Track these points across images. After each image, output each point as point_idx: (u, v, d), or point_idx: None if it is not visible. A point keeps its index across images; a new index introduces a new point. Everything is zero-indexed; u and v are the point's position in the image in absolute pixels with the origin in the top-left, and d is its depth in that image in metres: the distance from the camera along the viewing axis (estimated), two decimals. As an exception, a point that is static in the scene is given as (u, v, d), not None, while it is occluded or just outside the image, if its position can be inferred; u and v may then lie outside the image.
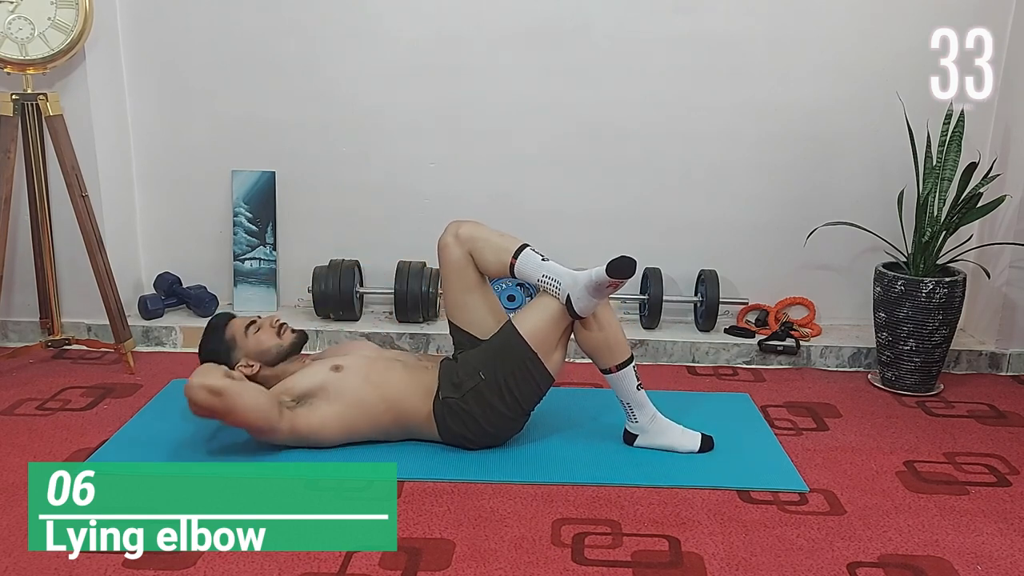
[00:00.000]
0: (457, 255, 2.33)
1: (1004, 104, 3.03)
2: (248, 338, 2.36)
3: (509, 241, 2.33)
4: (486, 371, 2.26)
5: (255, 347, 2.35)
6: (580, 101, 3.15)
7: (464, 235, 2.33)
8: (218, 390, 2.09)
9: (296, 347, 2.41)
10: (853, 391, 2.89)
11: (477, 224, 2.36)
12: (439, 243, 2.37)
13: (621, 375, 2.31)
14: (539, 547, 1.92)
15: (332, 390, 2.26)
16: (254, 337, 2.36)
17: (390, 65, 3.14)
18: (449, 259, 2.34)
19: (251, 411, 2.15)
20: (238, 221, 3.28)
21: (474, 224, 2.36)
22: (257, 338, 2.36)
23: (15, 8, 2.70)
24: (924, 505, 2.14)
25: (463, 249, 2.32)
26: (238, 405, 2.12)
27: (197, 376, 2.12)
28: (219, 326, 2.40)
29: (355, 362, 2.34)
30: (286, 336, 2.40)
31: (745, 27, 3.06)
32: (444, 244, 2.35)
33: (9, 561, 1.83)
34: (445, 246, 2.35)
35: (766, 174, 3.20)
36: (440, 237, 2.37)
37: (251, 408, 2.15)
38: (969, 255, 2.97)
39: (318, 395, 2.25)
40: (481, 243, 2.32)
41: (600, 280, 2.16)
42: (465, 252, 2.33)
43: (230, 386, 2.12)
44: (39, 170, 2.86)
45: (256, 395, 2.18)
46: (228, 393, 2.11)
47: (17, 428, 2.47)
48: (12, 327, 3.18)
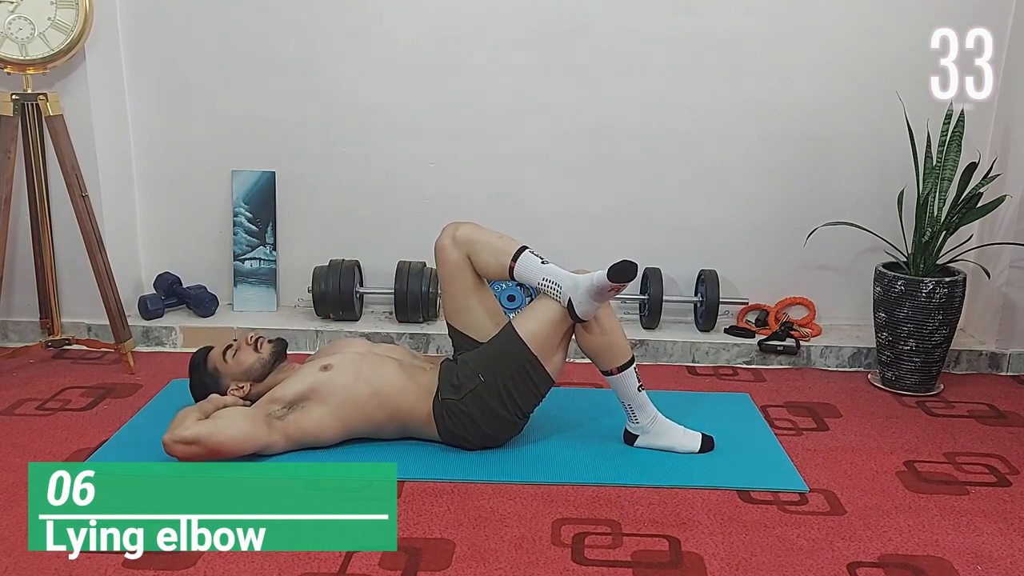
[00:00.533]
0: (455, 257, 2.31)
1: (1004, 104, 3.03)
2: (229, 363, 2.36)
3: (508, 243, 2.30)
4: (485, 373, 2.26)
5: (238, 368, 2.36)
6: (580, 101, 3.15)
7: (462, 237, 2.31)
8: (191, 439, 2.12)
9: (278, 355, 2.40)
10: (853, 391, 2.89)
11: (475, 226, 2.34)
12: (436, 245, 2.34)
13: (622, 377, 2.31)
14: (539, 547, 1.92)
15: (323, 390, 2.25)
16: (233, 360, 2.36)
17: (390, 65, 3.14)
18: (447, 262, 2.33)
19: (237, 442, 2.16)
20: (238, 221, 3.28)
21: (472, 226, 2.34)
22: (237, 359, 2.36)
23: (15, 8, 2.70)
24: (924, 505, 2.14)
25: (461, 251, 2.30)
26: (221, 443, 2.14)
27: (169, 432, 2.15)
28: (199, 362, 2.41)
29: (344, 359, 2.33)
30: (264, 349, 2.39)
31: (745, 27, 3.06)
32: (441, 247, 2.33)
33: (9, 561, 1.83)
34: (442, 248, 2.33)
35: (766, 174, 3.20)
36: (437, 239, 2.35)
37: (235, 439, 2.16)
38: (969, 255, 2.97)
39: (310, 397, 2.25)
40: (479, 245, 2.30)
41: (601, 284, 2.16)
42: (463, 254, 2.31)
43: (202, 430, 2.13)
44: (39, 170, 2.86)
45: (237, 423, 2.19)
46: (204, 438, 2.12)
47: (17, 428, 2.47)
48: (12, 327, 3.18)
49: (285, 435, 2.23)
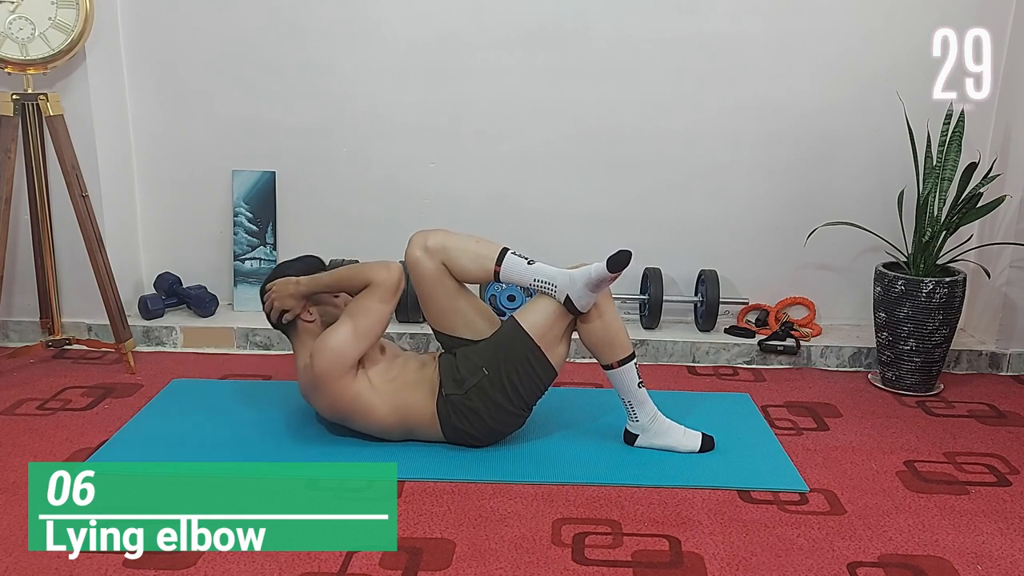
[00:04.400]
0: (431, 267, 2.25)
1: (1004, 104, 3.03)
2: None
3: (487, 247, 2.26)
4: (489, 366, 2.25)
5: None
6: (580, 101, 3.15)
7: (434, 246, 2.25)
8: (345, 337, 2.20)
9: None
10: (853, 391, 2.89)
11: (446, 232, 2.28)
12: (408, 258, 2.27)
13: (622, 371, 2.30)
14: (539, 547, 1.92)
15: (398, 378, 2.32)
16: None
17: (390, 65, 3.14)
18: (423, 274, 2.27)
19: (377, 320, 2.23)
20: (238, 221, 3.28)
21: (443, 232, 2.27)
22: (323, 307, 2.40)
23: (16, 8, 2.70)
24: (924, 505, 2.14)
25: (435, 260, 2.25)
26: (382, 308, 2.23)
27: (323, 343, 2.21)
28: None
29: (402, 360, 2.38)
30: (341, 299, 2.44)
31: (745, 28, 3.06)
32: (415, 260, 2.26)
33: (9, 561, 1.83)
34: (416, 262, 2.26)
35: (766, 174, 3.20)
36: (407, 251, 2.27)
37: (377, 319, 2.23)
38: (969, 255, 2.97)
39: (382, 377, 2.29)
40: (455, 252, 2.25)
41: (600, 276, 2.17)
42: (438, 263, 2.25)
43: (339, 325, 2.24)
44: (39, 170, 2.86)
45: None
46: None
47: (17, 428, 2.47)
48: (12, 327, 3.18)
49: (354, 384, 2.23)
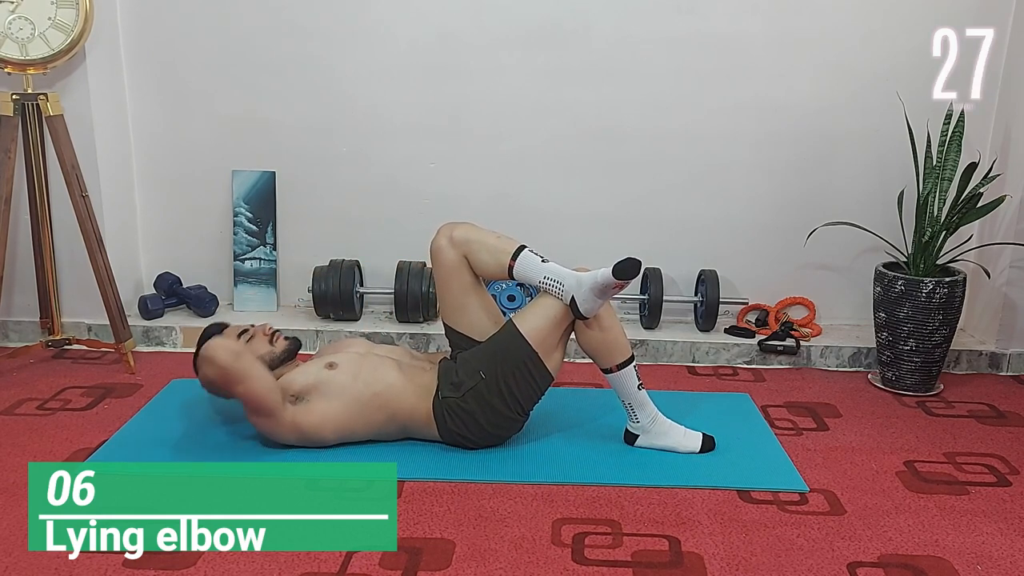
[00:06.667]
0: (452, 258, 2.30)
1: (1004, 104, 3.03)
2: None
3: (506, 243, 2.30)
4: (486, 370, 2.25)
5: None
6: (580, 101, 3.15)
7: (459, 237, 2.29)
8: (237, 352, 2.17)
9: (290, 354, 2.38)
10: (853, 391, 2.89)
11: (472, 226, 2.33)
12: (432, 246, 2.33)
13: (622, 375, 2.31)
14: (539, 547, 1.92)
15: (325, 388, 2.25)
16: (246, 345, 2.34)
17: (390, 65, 3.14)
18: (444, 263, 2.31)
19: (262, 381, 2.19)
20: (238, 221, 3.28)
21: (469, 226, 2.32)
22: (250, 345, 2.33)
23: (15, 8, 2.70)
24: (924, 505, 2.14)
25: (458, 252, 2.29)
26: (252, 372, 2.17)
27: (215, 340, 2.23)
28: (212, 336, 2.37)
29: (347, 359, 2.33)
30: (279, 343, 2.38)
31: (745, 28, 3.06)
32: (438, 247, 2.31)
33: (9, 561, 1.83)
34: (439, 249, 2.31)
35: (766, 174, 3.20)
36: (433, 240, 2.33)
37: (262, 378, 2.19)
38: (969, 255, 2.97)
39: (312, 392, 2.25)
40: (477, 245, 2.29)
41: (606, 282, 2.16)
42: (460, 255, 2.30)
43: (247, 352, 2.20)
44: (39, 170, 2.86)
45: (265, 371, 2.23)
46: (245, 357, 2.18)
47: (17, 428, 2.47)
48: (12, 327, 3.18)
49: (292, 419, 2.22)
